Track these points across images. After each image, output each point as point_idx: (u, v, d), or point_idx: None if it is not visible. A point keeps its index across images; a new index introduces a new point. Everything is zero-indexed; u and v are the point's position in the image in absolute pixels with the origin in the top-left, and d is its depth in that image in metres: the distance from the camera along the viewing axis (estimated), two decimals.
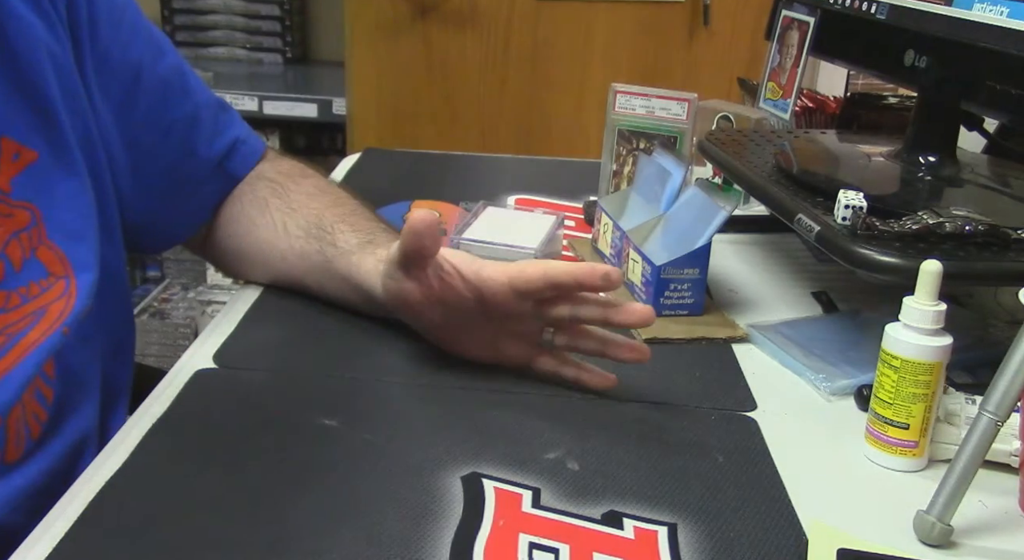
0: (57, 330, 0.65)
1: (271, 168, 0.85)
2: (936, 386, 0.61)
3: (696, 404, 0.69)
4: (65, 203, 0.66)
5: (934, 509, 0.55)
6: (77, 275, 0.67)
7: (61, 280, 0.66)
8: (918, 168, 0.84)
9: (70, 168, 0.67)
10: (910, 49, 0.78)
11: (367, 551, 0.51)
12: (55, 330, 0.65)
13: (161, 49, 0.77)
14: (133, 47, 0.74)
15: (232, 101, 1.98)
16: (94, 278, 0.68)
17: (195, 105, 0.80)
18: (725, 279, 0.92)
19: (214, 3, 2.26)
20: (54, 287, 0.66)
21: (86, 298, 0.67)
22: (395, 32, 1.96)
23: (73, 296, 0.67)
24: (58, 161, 0.66)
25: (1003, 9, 0.70)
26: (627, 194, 0.93)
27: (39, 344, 0.64)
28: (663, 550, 0.53)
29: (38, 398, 0.66)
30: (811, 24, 0.90)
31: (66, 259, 0.66)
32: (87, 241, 0.68)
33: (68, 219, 0.66)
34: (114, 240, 0.74)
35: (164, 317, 2.16)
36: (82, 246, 0.68)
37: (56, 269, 0.66)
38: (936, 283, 0.60)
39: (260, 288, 0.84)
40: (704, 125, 1.08)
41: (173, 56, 0.78)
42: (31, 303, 0.64)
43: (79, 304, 0.67)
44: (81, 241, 0.68)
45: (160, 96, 0.76)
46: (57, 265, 0.66)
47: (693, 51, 1.98)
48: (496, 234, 0.85)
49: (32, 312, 0.64)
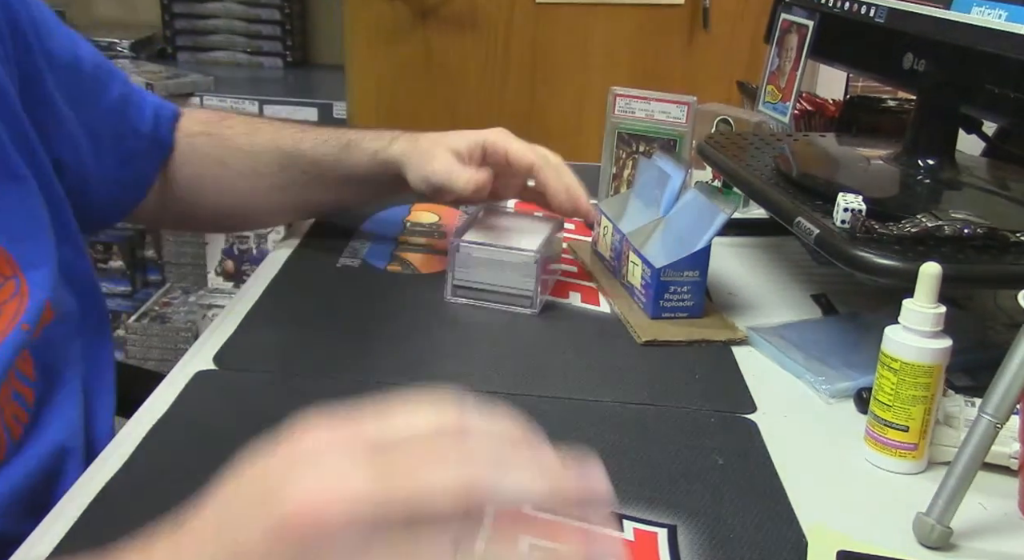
0: (16, 327, 0.66)
1: (193, 125, 0.90)
2: (935, 388, 0.61)
3: (696, 406, 0.69)
4: (7, 208, 0.67)
5: (933, 511, 0.55)
6: (26, 273, 0.68)
7: (10, 280, 0.67)
8: (917, 171, 0.84)
9: (10, 173, 0.68)
10: (909, 52, 0.78)
11: None
12: (14, 328, 0.66)
13: (77, 40, 0.80)
14: (67, 45, 0.77)
15: (233, 105, 1.99)
16: (48, 274, 0.69)
17: (121, 83, 0.84)
18: (725, 282, 0.92)
19: (214, 8, 2.26)
20: (3, 287, 0.66)
21: (40, 294, 0.68)
22: (395, 35, 1.96)
23: (25, 295, 0.67)
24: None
25: (1001, 12, 0.70)
26: (627, 197, 0.93)
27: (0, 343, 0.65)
28: (663, 551, 0.53)
29: (16, 399, 0.66)
30: (810, 27, 0.91)
31: (12, 260, 0.67)
32: (37, 240, 0.69)
33: (12, 222, 0.67)
34: (71, 239, 0.75)
35: (165, 321, 2.16)
36: (30, 245, 0.68)
37: (4, 270, 0.67)
38: (935, 286, 0.60)
39: (260, 289, 0.84)
40: (703, 128, 1.09)
41: (86, 44, 0.82)
42: None
43: (33, 301, 0.67)
44: (29, 241, 0.68)
45: (97, 82, 0.81)
46: (4, 266, 0.67)
47: (692, 54, 1.98)
48: (496, 237, 0.85)
49: None
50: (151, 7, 2.31)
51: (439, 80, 1.99)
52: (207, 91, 2.01)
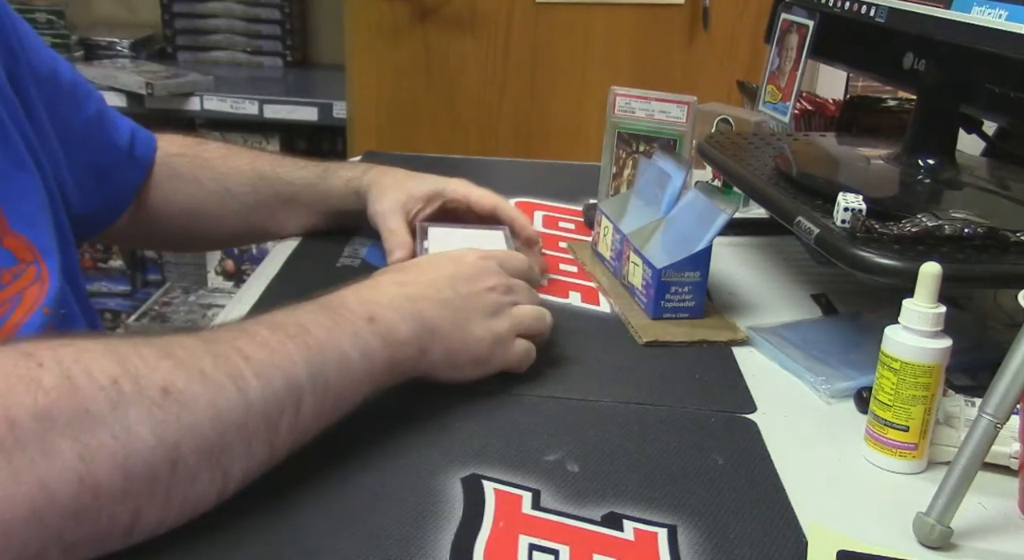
0: (37, 310, 0.67)
1: (171, 147, 0.93)
2: (935, 388, 0.61)
3: (696, 406, 0.69)
4: (20, 195, 0.69)
5: (933, 511, 0.55)
6: (46, 259, 0.69)
7: (31, 266, 0.68)
8: (917, 171, 0.84)
9: (19, 164, 0.69)
10: (909, 52, 0.78)
11: (367, 552, 0.51)
12: (35, 311, 0.67)
13: (55, 57, 0.82)
14: (47, 60, 0.79)
15: (233, 105, 1.99)
16: (57, 263, 0.70)
17: (97, 100, 0.86)
18: (725, 282, 0.92)
19: (214, 7, 2.26)
20: (26, 272, 0.68)
21: (58, 279, 0.70)
22: (395, 35, 1.96)
23: (46, 280, 0.69)
24: (7, 156, 0.68)
25: (1002, 12, 0.70)
26: (627, 197, 0.93)
27: (22, 324, 0.66)
28: (663, 552, 0.53)
29: None
30: (810, 27, 0.91)
31: (32, 245, 0.68)
32: (45, 230, 0.71)
33: (26, 210, 0.69)
34: (64, 234, 0.76)
35: (165, 320, 2.16)
36: (42, 234, 0.70)
37: (25, 256, 0.68)
38: (935, 285, 0.60)
39: (260, 289, 0.84)
40: (704, 128, 1.09)
41: (65, 61, 0.84)
42: (6, 289, 0.66)
43: (52, 285, 0.69)
44: (40, 229, 0.70)
45: (74, 97, 0.83)
46: (25, 252, 0.68)
47: (692, 54, 1.98)
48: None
49: (9, 298, 0.66)
50: (151, 7, 2.31)
51: (439, 80, 1.99)
52: (207, 91, 2.01)
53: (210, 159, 0.93)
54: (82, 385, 0.45)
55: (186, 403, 0.48)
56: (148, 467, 0.46)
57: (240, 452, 0.51)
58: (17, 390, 0.44)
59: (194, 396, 0.48)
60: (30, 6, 2.08)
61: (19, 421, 0.43)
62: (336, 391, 0.56)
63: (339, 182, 0.93)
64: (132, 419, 0.46)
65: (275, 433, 0.52)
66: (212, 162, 0.93)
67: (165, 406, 0.47)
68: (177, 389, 0.48)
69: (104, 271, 2.27)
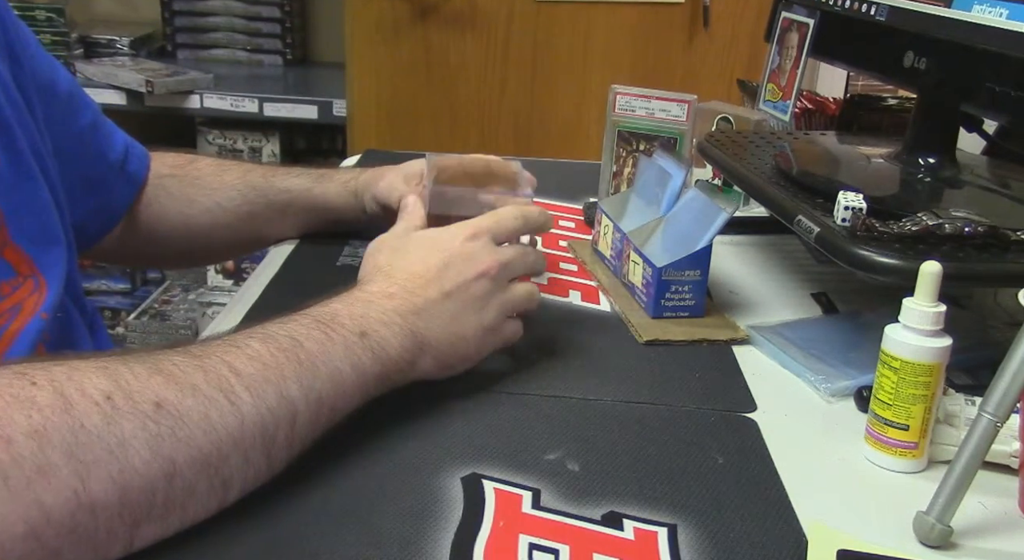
0: (35, 316, 0.68)
1: (163, 165, 0.94)
2: (936, 387, 0.61)
3: (696, 405, 0.69)
4: (25, 206, 0.69)
5: (934, 510, 0.55)
6: (44, 272, 0.70)
7: (29, 279, 0.69)
8: (918, 169, 0.84)
9: (26, 173, 0.69)
10: (909, 50, 0.78)
11: (367, 551, 0.51)
12: (33, 317, 0.68)
13: (55, 65, 0.82)
14: (46, 67, 0.79)
15: (233, 103, 1.99)
16: (60, 273, 0.71)
17: (93, 112, 0.86)
18: (725, 281, 0.92)
19: (214, 5, 2.26)
20: (24, 285, 0.68)
21: (57, 288, 0.70)
22: (395, 34, 1.96)
23: (44, 290, 0.69)
24: (13, 166, 0.68)
25: (1002, 11, 0.70)
26: (627, 196, 0.93)
27: (21, 331, 0.66)
28: (663, 551, 0.53)
29: None
30: (811, 26, 0.90)
31: (31, 260, 0.69)
32: (50, 240, 0.71)
33: (29, 222, 0.69)
34: (69, 239, 0.76)
35: (164, 318, 2.16)
36: (43, 246, 0.70)
37: (23, 269, 0.68)
38: (936, 284, 0.60)
39: (260, 287, 0.84)
40: (704, 127, 1.08)
41: (64, 70, 0.84)
42: (6, 301, 0.66)
43: (51, 293, 0.69)
44: (43, 241, 0.70)
45: (70, 107, 0.83)
46: (24, 266, 0.68)
47: (693, 53, 1.98)
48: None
49: (8, 309, 0.66)
50: (151, 4, 2.31)
51: (439, 78, 1.98)
52: (207, 89, 2.01)
53: (201, 176, 0.94)
54: (76, 402, 0.46)
55: (179, 416, 0.48)
56: (145, 481, 0.46)
57: (238, 464, 0.51)
58: (11, 409, 0.44)
59: (187, 409, 0.49)
60: (30, 4, 2.08)
61: (14, 440, 0.43)
62: (330, 403, 0.57)
63: (336, 185, 0.94)
64: (127, 433, 0.46)
65: (272, 444, 0.53)
66: (203, 179, 0.93)
67: (159, 420, 0.48)
68: (170, 403, 0.49)
69: (104, 269, 2.27)
